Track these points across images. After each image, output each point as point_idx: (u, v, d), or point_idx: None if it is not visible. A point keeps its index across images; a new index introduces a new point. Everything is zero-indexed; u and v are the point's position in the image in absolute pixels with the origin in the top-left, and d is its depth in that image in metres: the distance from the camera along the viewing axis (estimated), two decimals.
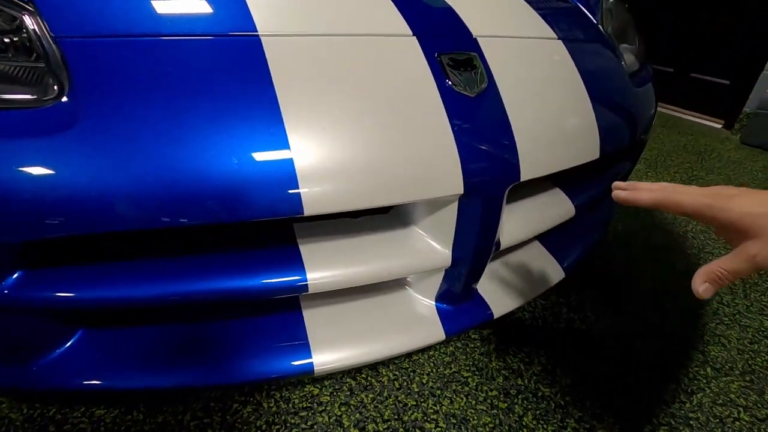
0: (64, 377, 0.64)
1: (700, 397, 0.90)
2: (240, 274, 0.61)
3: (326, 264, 0.64)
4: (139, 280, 0.59)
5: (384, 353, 0.74)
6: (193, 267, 0.61)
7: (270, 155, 0.53)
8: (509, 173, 0.67)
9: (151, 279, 0.59)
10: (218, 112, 0.53)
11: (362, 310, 0.76)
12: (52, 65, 0.50)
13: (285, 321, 0.72)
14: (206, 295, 0.60)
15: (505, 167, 0.67)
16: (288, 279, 0.62)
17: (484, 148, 0.65)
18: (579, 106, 0.79)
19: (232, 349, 0.69)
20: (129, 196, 0.48)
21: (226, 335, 0.70)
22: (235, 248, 0.65)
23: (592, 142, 0.79)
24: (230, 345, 0.69)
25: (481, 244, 0.70)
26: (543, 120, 0.73)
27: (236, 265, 0.62)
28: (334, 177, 0.56)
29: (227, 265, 0.62)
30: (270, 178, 0.53)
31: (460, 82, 0.65)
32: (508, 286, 0.87)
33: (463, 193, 0.63)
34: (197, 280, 0.60)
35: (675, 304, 1.15)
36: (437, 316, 0.78)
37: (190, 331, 0.69)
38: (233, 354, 0.69)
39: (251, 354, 0.69)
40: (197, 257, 0.62)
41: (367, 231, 0.71)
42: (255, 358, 0.69)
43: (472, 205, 0.66)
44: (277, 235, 0.67)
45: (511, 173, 0.67)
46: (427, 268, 0.70)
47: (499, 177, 0.66)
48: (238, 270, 0.61)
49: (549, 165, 0.72)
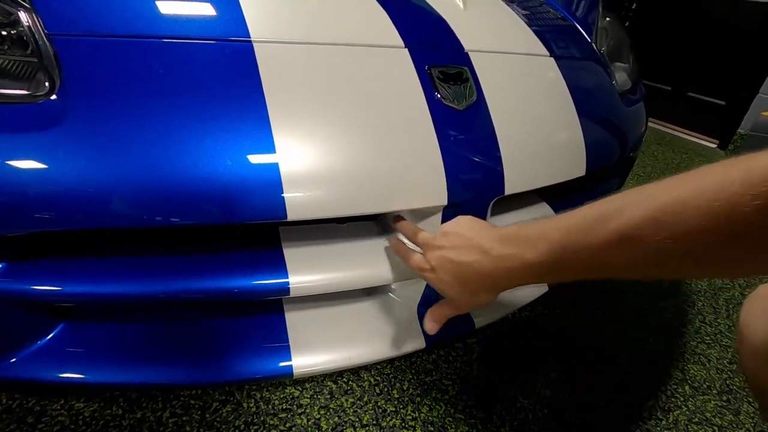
0: (43, 369, 0.65)
1: (677, 414, 0.91)
2: (223, 274, 0.62)
3: (309, 268, 0.65)
4: (123, 277, 0.59)
5: (364, 359, 0.75)
6: (177, 266, 0.61)
7: (256, 159, 0.54)
8: (494, 187, 0.68)
9: (134, 276, 0.60)
10: (206, 114, 0.54)
11: (344, 315, 0.77)
12: (44, 61, 0.51)
13: (267, 323, 0.73)
14: (189, 294, 0.61)
15: (490, 180, 0.68)
16: (270, 282, 0.62)
17: (469, 161, 0.66)
18: (567, 123, 0.80)
19: (213, 349, 0.70)
20: (114, 195, 0.49)
21: (208, 335, 0.71)
22: (219, 249, 0.66)
23: (579, 158, 0.80)
24: (211, 344, 0.70)
25: None
26: (530, 135, 0.74)
27: (220, 266, 0.63)
28: (319, 183, 0.57)
29: (210, 265, 0.63)
30: (255, 182, 0.54)
31: (449, 96, 0.67)
32: None
33: (447, 204, 0.64)
34: (180, 279, 0.60)
35: (659, 321, 1.16)
36: (419, 324, 0.79)
37: (172, 329, 0.70)
38: (214, 353, 0.69)
39: (232, 354, 0.70)
40: (181, 257, 0.63)
41: (352, 237, 0.72)
42: (236, 359, 0.69)
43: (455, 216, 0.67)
44: (261, 238, 0.68)
45: (495, 187, 0.68)
46: (410, 276, 0.71)
47: (484, 190, 0.67)
48: (222, 271, 0.62)
49: (534, 180, 0.73)
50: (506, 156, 0.69)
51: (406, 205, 0.62)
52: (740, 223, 0.29)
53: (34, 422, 0.73)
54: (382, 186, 0.60)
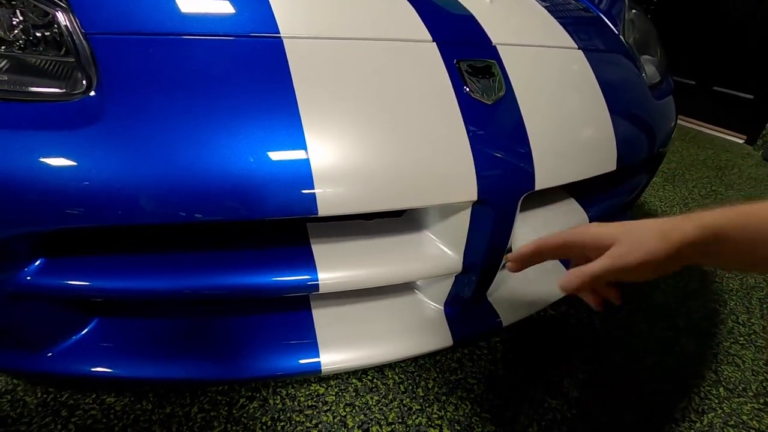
0: (78, 363, 0.66)
1: (711, 417, 0.88)
2: (252, 271, 0.62)
3: (338, 265, 0.64)
4: (154, 273, 0.60)
5: (391, 356, 0.74)
6: (207, 263, 0.62)
7: (287, 155, 0.54)
8: (524, 182, 0.67)
9: (165, 273, 0.60)
10: (239, 111, 0.55)
11: (371, 312, 0.77)
12: (81, 60, 0.52)
13: (294, 320, 0.73)
14: (218, 290, 0.61)
15: (519, 176, 0.66)
16: (299, 278, 0.62)
17: (499, 155, 0.65)
18: (597, 117, 0.78)
19: (242, 345, 0.70)
20: (149, 191, 0.50)
21: (236, 331, 0.71)
22: (248, 246, 0.66)
23: (609, 153, 0.78)
24: (239, 341, 0.70)
25: (493, 252, 0.70)
26: (560, 129, 0.72)
27: (249, 263, 0.63)
28: (349, 179, 0.56)
29: (240, 262, 0.63)
30: (286, 177, 0.54)
31: (477, 89, 0.66)
32: (517, 295, 0.86)
33: (476, 200, 0.63)
34: (210, 276, 0.61)
35: (688, 322, 1.13)
36: (445, 321, 0.78)
37: (201, 325, 0.70)
38: (242, 350, 0.70)
39: (260, 351, 0.70)
40: (211, 253, 0.63)
41: (379, 233, 0.71)
42: (263, 355, 0.70)
43: (485, 213, 0.66)
44: (290, 235, 0.68)
45: (525, 182, 0.67)
46: (437, 273, 0.70)
47: (514, 185, 0.66)
48: (251, 267, 0.62)
49: (564, 175, 0.72)
50: (536, 150, 0.67)
51: (435, 201, 0.61)
52: None
53: (67, 415, 0.74)
54: (411, 181, 0.59)
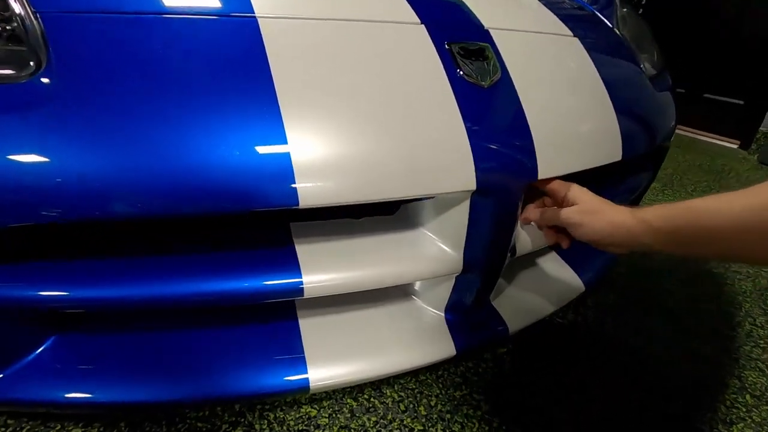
0: (33, 389, 0.58)
1: (741, 427, 0.80)
2: (228, 274, 0.56)
3: (324, 266, 0.58)
4: (117, 279, 0.53)
5: (388, 369, 0.67)
6: (178, 267, 0.55)
7: (264, 141, 0.49)
8: (526, 170, 0.61)
9: (130, 279, 0.54)
10: (208, 95, 0.49)
11: (364, 322, 0.70)
12: (30, 40, 0.47)
13: (279, 331, 0.66)
14: (190, 298, 0.54)
15: (521, 163, 0.61)
16: (281, 281, 0.56)
17: (498, 141, 0.60)
18: (598, 104, 0.74)
19: (221, 362, 0.63)
20: (103, 180, 0.44)
21: (215, 346, 0.64)
22: (225, 248, 0.60)
23: (614, 142, 0.74)
24: (218, 357, 0.63)
25: (496, 249, 0.64)
26: (561, 116, 0.68)
27: (224, 266, 0.56)
28: (333, 167, 0.51)
29: (214, 265, 0.56)
30: (263, 166, 0.48)
31: (472, 73, 0.61)
32: (523, 300, 0.80)
33: (475, 189, 0.58)
34: (181, 281, 0.54)
35: (702, 326, 1.07)
36: (447, 329, 0.71)
37: (175, 340, 0.63)
38: (221, 367, 0.62)
39: (240, 368, 0.62)
40: (181, 257, 0.57)
41: (369, 233, 0.65)
42: (244, 373, 0.62)
43: (485, 205, 0.60)
44: (272, 236, 0.62)
45: (527, 170, 0.62)
46: (435, 273, 0.64)
47: (515, 173, 0.61)
48: (226, 270, 0.56)
49: (568, 164, 0.66)
50: (537, 137, 0.62)
51: (429, 191, 0.55)
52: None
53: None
54: (403, 170, 0.54)
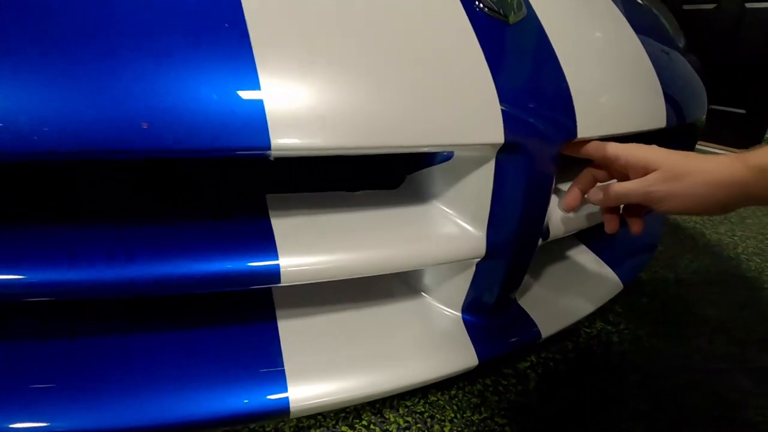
0: None
1: None
2: (189, 254, 0.41)
3: (308, 245, 0.44)
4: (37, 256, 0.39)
5: (392, 386, 0.52)
6: (115, 241, 0.41)
7: (227, 60, 0.36)
8: (563, 125, 0.49)
9: (53, 256, 0.39)
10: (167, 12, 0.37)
11: (361, 325, 0.55)
12: None
13: (251, 337, 0.51)
14: (130, 284, 0.40)
15: (557, 116, 0.49)
16: (252, 264, 0.42)
17: (529, 88, 0.48)
18: (639, 64, 0.63)
19: (171, 375, 0.48)
20: (49, 107, 0.30)
21: (163, 354, 0.49)
22: (184, 223, 0.46)
23: (658, 106, 0.62)
24: (169, 368, 0.48)
25: (527, 226, 0.51)
26: (599, 68, 0.56)
27: (184, 244, 0.42)
28: (322, 108, 0.38)
29: (172, 241, 0.42)
30: (227, 97, 0.35)
31: (492, 5, 0.49)
32: (555, 300, 0.66)
33: (503, 143, 0.45)
34: (118, 262, 0.40)
35: (749, 334, 0.93)
36: (465, 332, 0.57)
37: (107, 345, 0.48)
38: (173, 382, 0.47)
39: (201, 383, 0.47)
40: (121, 229, 0.43)
41: (367, 208, 0.52)
42: (206, 390, 0.47)
43: (514, 166, 0.47)
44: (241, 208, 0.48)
45: (564, 125, 0.49)
46: (452, 257, 0.50)
47: (551, 128, 0.48)
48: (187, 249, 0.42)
49: (611, 123, 0.54)
50: (574, 87, 0.51)
51: (444, 140, 0.43)
52: None
53: None
54: (409, 113, 0.41)
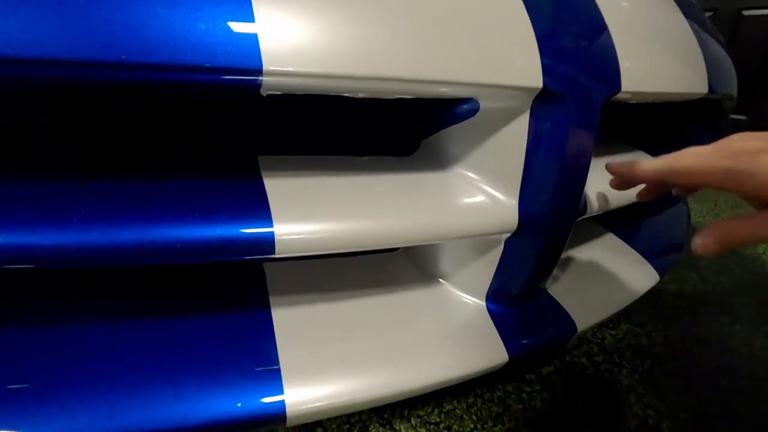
0: None
1: None
2: (168, 219, 0.33)
3: (306, 211, 0.36)
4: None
5: (405, 387, 0.43)
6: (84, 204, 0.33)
7: None
8: (607, 74, 0.42)
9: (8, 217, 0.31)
10: None
11: (369, 316, 0.47)
12: None
13: (241, 329, 0.43)
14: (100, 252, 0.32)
15: (600, 65, 0.42)
16: (241, 230, 0.34)
17: (569, 31, 0.41)
18: (680, 28, 0.57)
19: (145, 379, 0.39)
20: None
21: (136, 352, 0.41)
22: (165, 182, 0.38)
23: (699, 70, 0.56)
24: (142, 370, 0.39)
25: (566, 195, 0.43)
26: (641, 23, 0.50)
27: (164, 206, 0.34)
28: (328, 28, 0.31)
29: (144, 204, 0.34)
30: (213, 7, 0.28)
31: None
32: (589, 291, 0.58)
33: (542, 87, 0.38)
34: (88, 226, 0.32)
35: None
36: (492, 324, 0.48)
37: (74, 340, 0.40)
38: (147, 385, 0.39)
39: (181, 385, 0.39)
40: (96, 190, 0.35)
41: (375, 172, 0.44)
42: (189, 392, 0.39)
43: (553, 121, 0.40)
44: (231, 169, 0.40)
45: (608, 74, 0.42)
46: (477, 230, 0.42)
47: (594, 77, 0.41)
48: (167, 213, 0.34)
49: (654, 81, 0.48)
50: (616, 34, 0.44)
51: (469, 77, 0.35)
52: None
53: None
54: (429, 42, 0.34)
